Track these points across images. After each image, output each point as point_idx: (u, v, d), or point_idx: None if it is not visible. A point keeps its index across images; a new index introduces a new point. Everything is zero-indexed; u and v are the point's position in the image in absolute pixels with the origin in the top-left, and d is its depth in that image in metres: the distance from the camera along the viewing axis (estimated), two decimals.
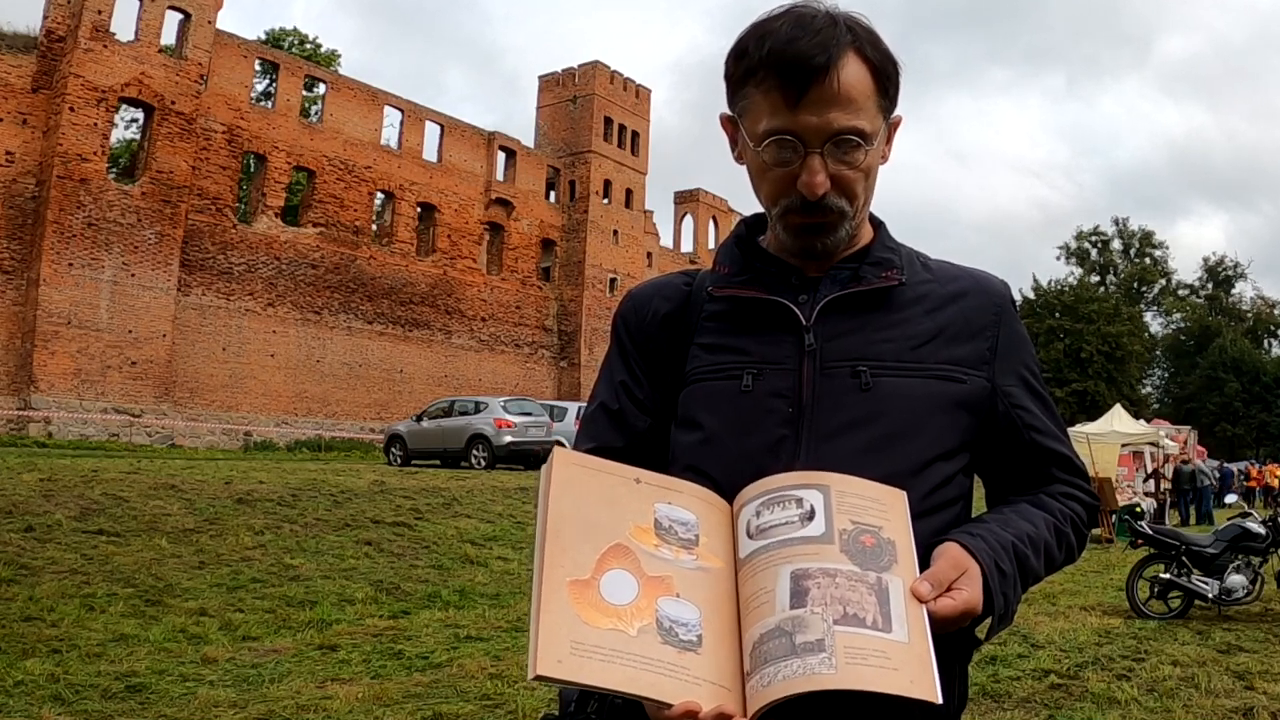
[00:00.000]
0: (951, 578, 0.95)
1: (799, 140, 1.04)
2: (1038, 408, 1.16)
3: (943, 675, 1.08)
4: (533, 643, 0.84)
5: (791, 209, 1.08)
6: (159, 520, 10.25)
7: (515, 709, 4.96)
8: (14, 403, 25.24)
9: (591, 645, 0.85)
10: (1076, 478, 1.17)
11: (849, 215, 1.09)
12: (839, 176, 1.06)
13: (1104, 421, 19.97)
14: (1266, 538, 8.35)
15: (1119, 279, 63.27)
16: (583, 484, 0.95)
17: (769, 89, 1.04)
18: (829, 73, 1.01)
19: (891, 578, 0.90)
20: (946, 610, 0.92)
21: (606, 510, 0.94)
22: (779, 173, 1.07)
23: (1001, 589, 0.99)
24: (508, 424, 19.21)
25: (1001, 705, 5.16)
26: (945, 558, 0.97)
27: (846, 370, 1.08)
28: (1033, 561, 1.06)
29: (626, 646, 0.86)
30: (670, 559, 0.93)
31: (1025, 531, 1.07)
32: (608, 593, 0.89)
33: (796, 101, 1.02)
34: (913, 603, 0.89)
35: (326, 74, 36.00)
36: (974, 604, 0.95)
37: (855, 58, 1.04)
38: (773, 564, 0.91)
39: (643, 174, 44.88)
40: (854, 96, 1.03)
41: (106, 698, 5.07)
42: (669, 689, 0.85)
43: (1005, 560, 1.01)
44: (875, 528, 0.93)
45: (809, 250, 1.11)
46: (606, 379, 1.22)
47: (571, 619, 0.86)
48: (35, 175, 26.32)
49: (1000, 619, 1.01)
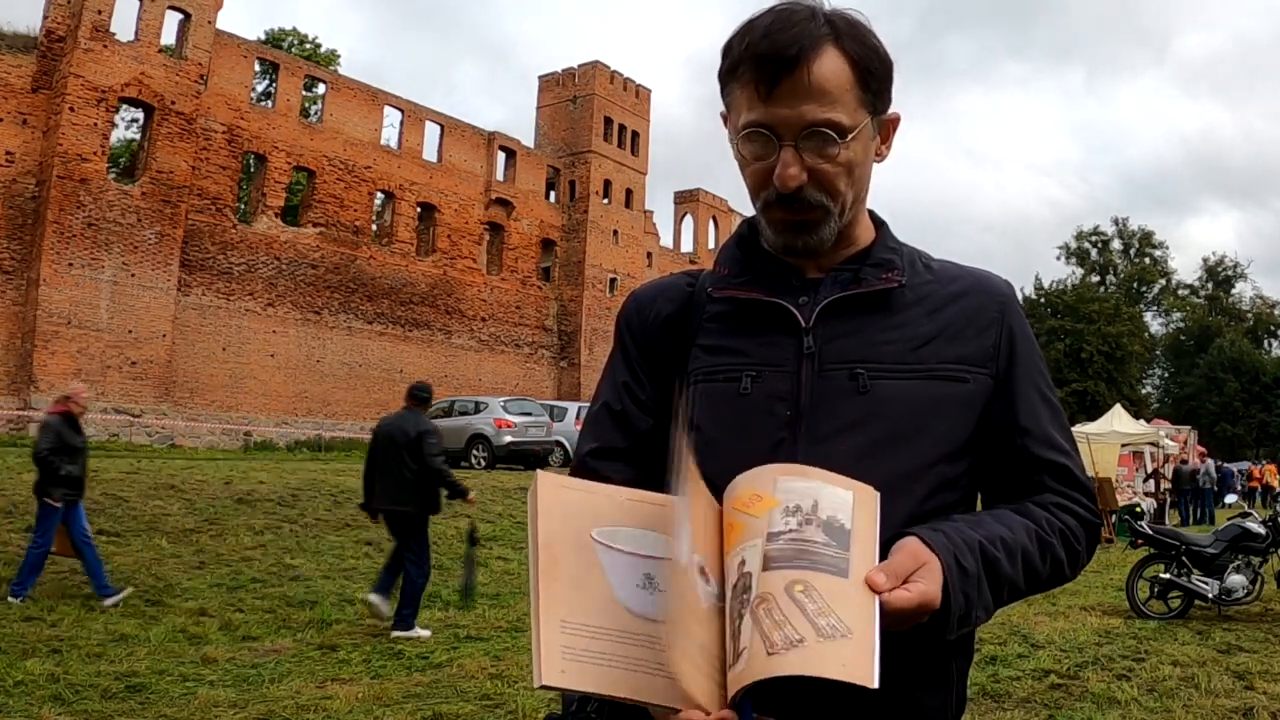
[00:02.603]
0: (909, 569, 0.91)
1: (772, 133, 1.04)
2: (1039, 412, 1.12)
3: (942, 677, 1.08)
4: (535, 654, 0.85)
5: (771, 203, 1.07)
6: (159, 520, 10.25)
7: (515, 709, 4.96)
8: (14, 403, 25.23)
9: (590, 651, 0.85)
10: (1074, 491, 1.11)
11: (832, 212, 1.07)
12: (816, 171, 1.05)
13: (1104, 421, 19.97)
14: (1266, 538, 8.35)
15: (1119, 279, 63.23)
16: (569, 502, 0.95)
17: (746, 83, 1.04)
18: (800, 65, 1.01)
19: (843, 564, 0.89)
20: (900, 602, 0.88)
21: (593, 523, 0.94)
22: (757, 167, 1.07)
23: (962, 587, 0.95)
24: (508, 424, 19.21)
25: (1001, 705, 5.16)
26: (904, 550, 0.94)
27: (845, 373, 1.07)
28: (1005, 567, 1.00)
29: (627, 650, 0.86)
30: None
31: (998, 534, 1.02)
32: (605, 597, 0.90)
33: (769, 94, 1.03)
34: (863, 591, 0.87)
35: (326, 74, 35.98)
36: (930, 598, 0.91)
37: (833, 50, 1.03)
38: (729, 568, 0.92)
39: (643, 174, 44.85)
40: (828, 89, 1.02)
41: (106, 698, 5.07)
42: (669, 692, 0.86)
43: (969, 558, 0.97)
44: (835, 517, 0.92)
45: (793, 248, 1.10)
46: (609, 379, 1.22)
47: (569, 625, 0.86)
48: (35, 175, 26.31)
49: (960, 619, 0.96)
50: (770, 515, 0.92)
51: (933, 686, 1.07)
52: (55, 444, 7.46)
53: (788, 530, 0.90)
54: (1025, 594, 1.06)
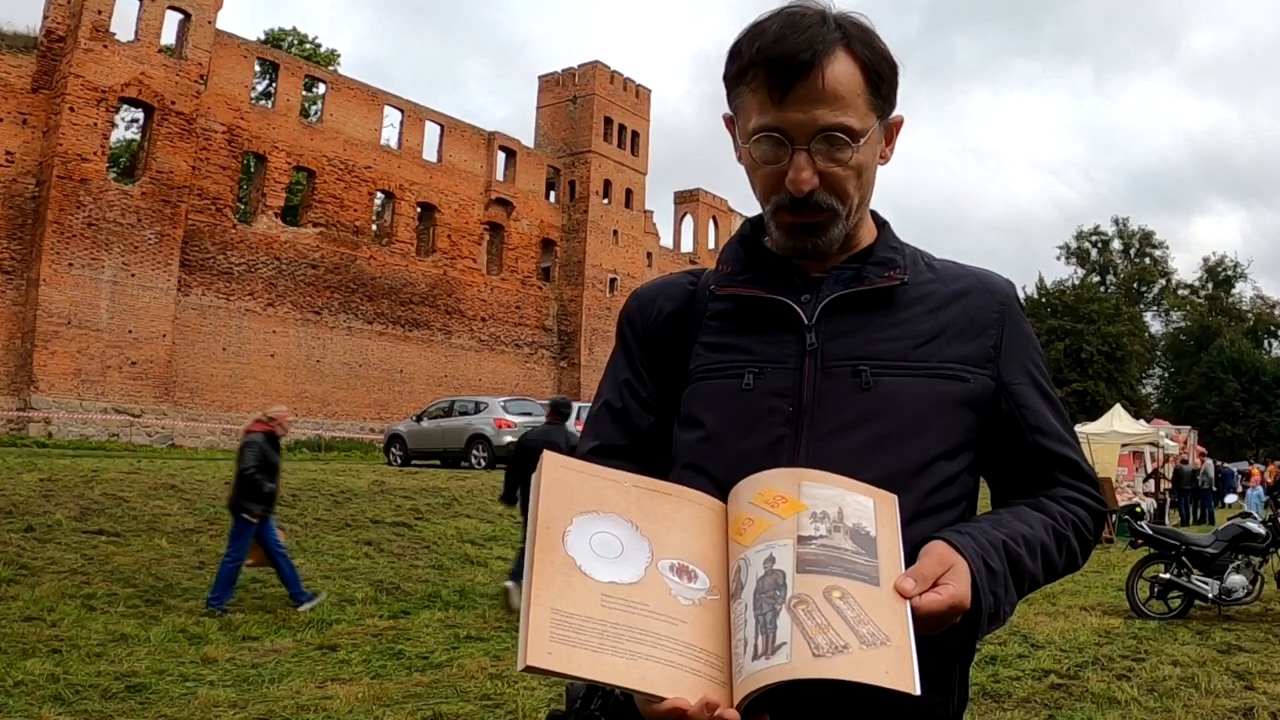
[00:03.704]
0: (937, 573, 0.93)
1: (785, 137, 1.05)
2: (1044, 409, 1.14)
3: (943, 677, 1.08)
4: (522, 635, 0.85)
5: (781, 206, 1.08)
6: (159, 520, 10.25)
7: (515, 709, 4.96)
8: (14, 403, 25.23)
9: (579, 636, 0.85)
10: (1082, 483, 1.14)
11: (840, 214, 1.08)
12: (828, 174, 1.06)
13: (1104, 421, 19.97)
14: (1266, 538, 8.35)
15: (1119, 279, 63.22)
16: (571, 485, 0.95)
17: (757, 87, 1.05)
18: (814, 69, 1.02)
19: (874, 571, 0.90)
20: (931, 605, 0.90)
21: (596, 506, 0.94)
22: (768, 170, 1.08)
23: (991, 587, 0.97)
24: (508, 424, 19.19)
25: (1001, 705, 5.16)
26: (931, 554, 0.96)
27: (847, 370, 1.08)
28: (1027, 562, 1.04)
29: (616, 634, 0.86)
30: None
31: (1019, 532, 1.05)
32: (599, 576, 0.89)
33: (782, 98, 1.03)
34: (895, 598, 0.89)
35: (326, 74, 35.99)
36: (960, 599, 0.93)
37: (844, 55, 1.04)
38: (751, 562, 0.92)
39: (643, 174, 44.86)
40: (841, 94, 1.04)
41: (106, 698, 5.07)
42: (659, 680, 0.86)
43: (994, 558, 0.99)
44: (860, 525, 0.93)
45: (801, 250, 1.11)
46: (611, 378, 1.23)
47: (559, 610, 0.86)
48: (35, 175, 26.32)
49: (990, 618, 0.99)
50: (799, 519, 0.93)
51: (934, 685, 1.06)
52: (260, 461, 7.75)
53: (819, 536, 0.91)
54: (1043, 585, 1.10)
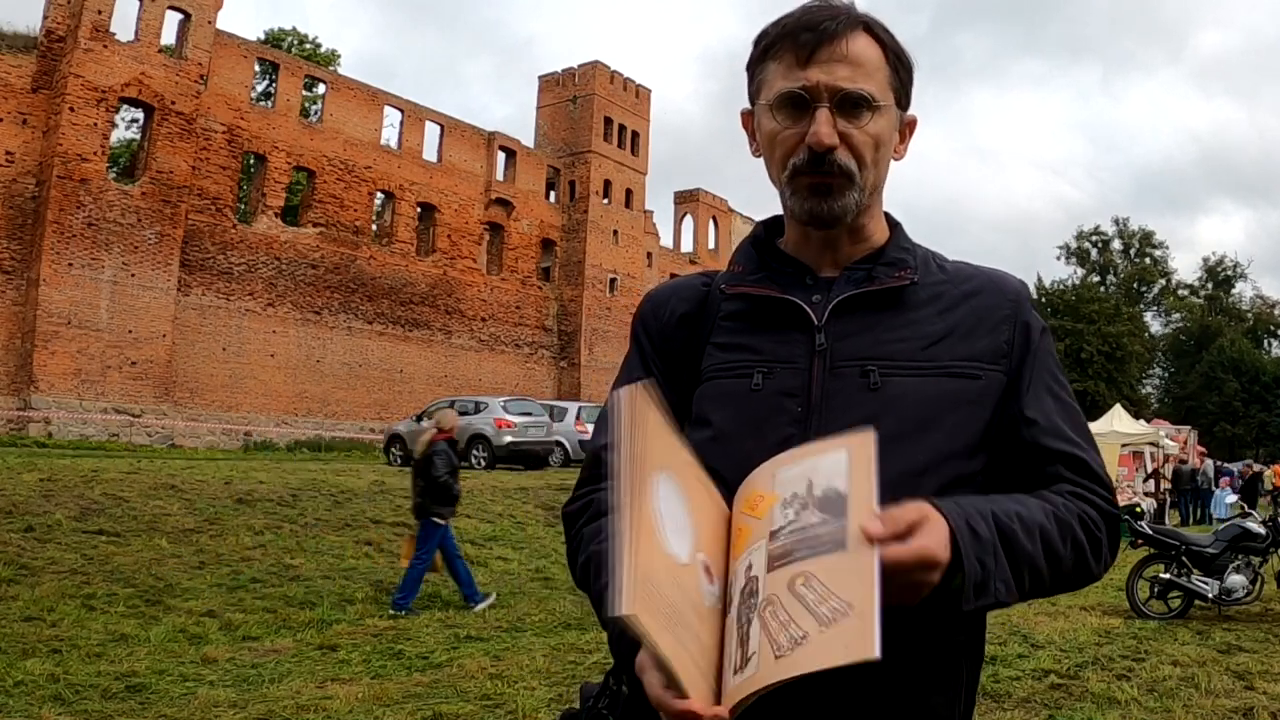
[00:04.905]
0: (909, 519, 0.88)
1: (808, 96, 1.07)
2: (1052, 408, 1.11)
3: (949, 679, 1.07)
4: (617, 579, 0.83)
5: (800, 168, 1.09)
6: (159, 520, 10.25)
7: (515, 709, 4.96)
8: (14, 403, 25.22)
9: (651, 599, 0.84)
10: (1090, 481, 1.08)
11: (856, 181, 1.09)
12: (847, 136, 1.08)
13: (1104, 421, 19.98)
14: (1266, 538, 8.35)
15: (1119, 279, 63.21)
16: (653, 428, 0.93)
17: (782, 54, 1.10)
18: (839, 37, 1.07)
19: (840, 534, 0.87)
20: (897, 555, 0.85)
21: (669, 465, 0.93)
22: (788, 134, 1.10)
23: (977, 554, 0.92)
24: (508, 424, 19.20)
25: (1001, 705, 5.16)
26: (908, 506, 0.91)
27: (855, 370, 1.08)
28: (1023, 540, 0.97)
29: (669, 612, 0.86)
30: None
31: (1012, 509, 0.99)
32: (669, 545, 0.90)
33: (808, 60, 1.08)
34: (860, 552, 0.84)
35: (326, 74, 35.98)
36: (928, 553, 0.87)
37: (866, 34, 1.10)
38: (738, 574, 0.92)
39: (643, 174, 44.85)
40: (863, 62, 1.08)
41: (106, 698, 5.07)
42: (686, 675, 0.85)
43: (980, 523, 0.94)
44: (831, 487, 0.90)
45: (817, 214, 1.10)
46: (625, 378, 1.23)
47: (645, 567, 0.85)
48: (35, 175, 26.31)
49: (979, 590, 0.92)
50: (771, 514, 0.92)
51: (941, 688, 1.06)
52: (451, 467, 8.03)
53: (786, 524, 0.90)
54: (1049, 581, 1.02)
